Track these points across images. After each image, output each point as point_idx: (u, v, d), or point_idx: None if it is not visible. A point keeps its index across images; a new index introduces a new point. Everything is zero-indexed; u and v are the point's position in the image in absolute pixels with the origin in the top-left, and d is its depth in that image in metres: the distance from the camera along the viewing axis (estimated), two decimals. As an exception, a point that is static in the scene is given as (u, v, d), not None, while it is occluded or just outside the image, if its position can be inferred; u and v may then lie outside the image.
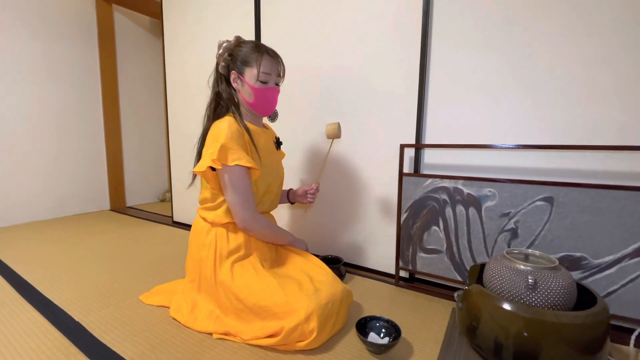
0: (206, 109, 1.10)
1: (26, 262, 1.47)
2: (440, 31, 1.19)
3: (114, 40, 2.60)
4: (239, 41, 1.06)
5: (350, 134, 1.42)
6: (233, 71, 1.04)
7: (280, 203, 1.27)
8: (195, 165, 1.05)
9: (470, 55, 1.14)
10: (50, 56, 2.26)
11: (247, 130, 1.02)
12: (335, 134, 1.14)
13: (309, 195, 1.24)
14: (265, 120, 1.23)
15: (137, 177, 2.88)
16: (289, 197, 1.31)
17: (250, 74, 1.02)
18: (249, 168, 0.98)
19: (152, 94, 2.93)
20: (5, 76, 2.06)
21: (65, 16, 2.31)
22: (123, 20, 2.68)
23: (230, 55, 1.05)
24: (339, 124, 1.14)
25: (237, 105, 1.06)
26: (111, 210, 2.64)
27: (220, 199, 1.04)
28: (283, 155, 1.23)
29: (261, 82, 1.02)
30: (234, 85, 1.06)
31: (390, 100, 1.31)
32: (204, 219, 1.06)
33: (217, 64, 1.08)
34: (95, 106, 2.53)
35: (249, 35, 1.69)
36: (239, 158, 0.94)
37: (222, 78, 1.08)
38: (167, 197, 3.04)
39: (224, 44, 1.04)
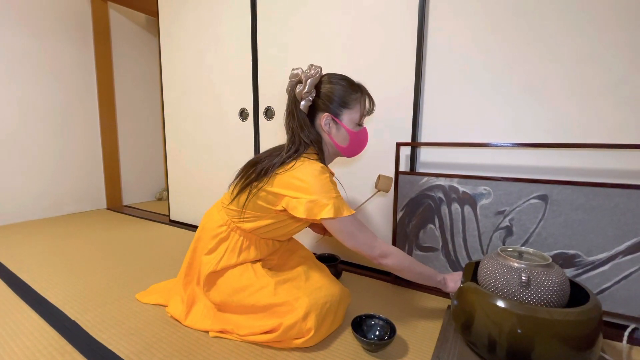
0: (285, 151, 0.92)
1: (22, 261, 1.47)
2: (436, 30, 1.19)
3: (109, 38, 2.58)
4: (322, 74, 0.92)
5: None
6: (326, 113, 0.90)
7: None
8: (238, 184, 0.95)
9: (466, 55, 1.15)
10: (45, 54, 2.24)
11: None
12: (387, 189, 1.13)
13: None
14: None
15: (134, 176, 2.87)
16: None
17: (350, 117, 0.91)
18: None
19: (148, 92, 2.92)
20: (0, 74, 2.04)
21: (61, 14, 2.29)
22: (119, 17, 2.66)
23: (317, 92, 0.90)
24: (392, 179, 1.14)
25: (322, 150, 0.95)
26: (107, 209, 2.63)
27: (262, 222, 0.95)
28: None
29: (359, 125, 0.92)
30: (325, 128, 0.92)
31: (387, 99, 1.31)
32: (229, 218, 0.99)
33: (294, 100, 0.92)
34: (91, 104, 2.52)
35: (246, 35, 1.68)
36: (348, 208, 0.86)
37: (303, 118, 0.91)
38: (163, 196, 3.03)
39: (309, 80, 0.88)
